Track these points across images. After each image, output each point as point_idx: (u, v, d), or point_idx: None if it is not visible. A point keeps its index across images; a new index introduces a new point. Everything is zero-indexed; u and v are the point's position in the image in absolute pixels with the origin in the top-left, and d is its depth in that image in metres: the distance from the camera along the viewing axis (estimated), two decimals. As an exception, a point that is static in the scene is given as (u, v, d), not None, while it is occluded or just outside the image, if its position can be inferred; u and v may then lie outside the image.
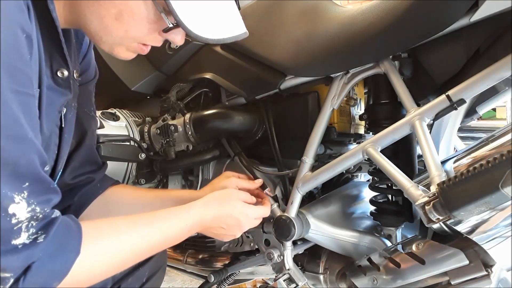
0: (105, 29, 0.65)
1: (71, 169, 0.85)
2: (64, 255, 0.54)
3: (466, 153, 0.75)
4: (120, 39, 0.67)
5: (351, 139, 1.17)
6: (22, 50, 0.51)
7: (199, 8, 0.65)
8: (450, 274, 0.73)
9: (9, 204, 0.48)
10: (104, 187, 0.92)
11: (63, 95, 0.69)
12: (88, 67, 0.88)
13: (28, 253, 0.50)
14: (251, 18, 1.06)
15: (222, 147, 1.16)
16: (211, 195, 0.81)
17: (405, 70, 0.85)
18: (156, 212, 0.71)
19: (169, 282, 2.46)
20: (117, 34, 0.66)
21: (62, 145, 0.73)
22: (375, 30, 0.78)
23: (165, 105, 1.21)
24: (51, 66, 0.65)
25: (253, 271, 1.21)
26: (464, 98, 0.73)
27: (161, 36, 0.70)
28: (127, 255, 0.64)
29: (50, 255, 0.52)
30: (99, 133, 1.10)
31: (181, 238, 0.74)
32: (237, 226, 0.82)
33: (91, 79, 0.90)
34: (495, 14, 0.67)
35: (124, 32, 0.65)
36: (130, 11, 0.63)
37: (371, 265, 0.85)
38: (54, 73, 0.66)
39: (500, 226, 0.66)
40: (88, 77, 0.88)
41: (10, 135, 0.49)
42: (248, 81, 1.06)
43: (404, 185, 0.75)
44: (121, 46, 0.69)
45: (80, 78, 0.84)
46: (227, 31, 0.68)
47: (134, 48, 0.71)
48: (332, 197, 1.11)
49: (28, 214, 0.50)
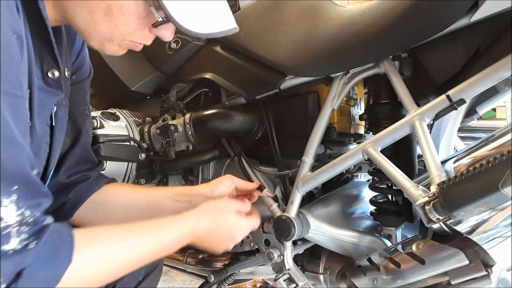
0: (94, 24, 0.64)
1: (66, 168, 0.85)
2: (56, 262, 0.53)
3: (466, 153, 0.75)
4: (110, 35, 0.66)
5: (351, 139, 1.17)
6: (13, 51, 0.51)
7: (189, 3, 0.64)
8: (450, 274, 0.73)
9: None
10: (99, 185, 0.90)
11: (55, 95, 0.69)
12: (82, 66, 0.87)
13: (19, 259, 0.49)
14: (251, 18, 1.06)
15: (222, 147, 1.16)
16: (205, 206, 0.79)
17: (405, 70, 0.85)
18: (149, 221, 0.70)
19: (169, 282, 2.46)
20: (107, 30, 0.65)
21: (53, 144, 0.72)
22: (375, 30, 0.78)
23: (165, 105, 1.21)
24: (41, 66, 0.65)
25: (253, 271, 1.21)
26: (464, 98, 0.73)
27: (151, 33, 0.69)
28: (120, 264, 0.63)
29: (41, 262, 0.51)
30: (99, 133, 1.10)
31: (174, 248, 0.72)
32: (231, 238, 0.80)
33: (86, 78, 0.89)
34: (495, 14, 0.67)
35: (114, 27, 0.65)
36: (119, 5, 0.63)
37: (371, 265, 0.85)
38: (45, 74, 0.65)
39: (500, 226, 0.66)
40: (83, 75, 0.88)
41: None
42: (248, 81, 1.06)
43: (404, 185, 0.75)
44: (111, 43, 0.68)
45: (74, 77, 0.84)
46: (217, 26, 0.68)
47: (126, 45, 0.70)
48: (332, 197, 1.11)
49: (18, 217, 0.49)
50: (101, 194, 0.90)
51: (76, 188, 0.87)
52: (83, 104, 0.88)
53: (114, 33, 0.66)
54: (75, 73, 0.85)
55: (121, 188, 0.94)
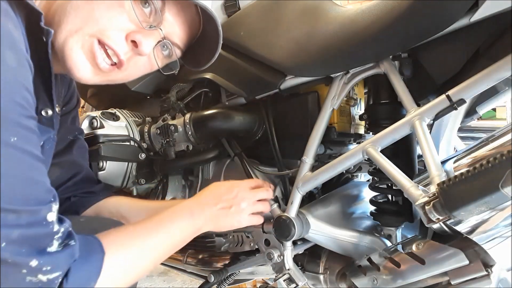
0: (76, 9, 0.62)
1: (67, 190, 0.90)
2: (93, 256, 0.57)
3: (466, 153, 0.75)
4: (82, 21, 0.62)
5: (351, 139, 1.17)
6: None
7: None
8: (450, 274, 0.72)
9: (47, 212, 0.51)
10: (103, 195, 0.95)
11: (46, 133, 0.71)
12: (73, 95, 0.90)
13: (69, 253, 0.53)
14: (251, 18, 1.06)
15: (222, 147, 1.16)
16: None
17: (405, 70, 0.85)
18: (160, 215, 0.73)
19: (169, 282, 2.47)
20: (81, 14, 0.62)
21: None
22: (375, 30, 0.78)
23: (165, 105, 1.21)
24: (36, 105, 0.65)
25: (253, 271, 1.21)
26: (464, 98, 0.73)
27: (127, 39, 0.65)
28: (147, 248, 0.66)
29: (83, 257, 0.55)
30: (99, 133, 1.10)
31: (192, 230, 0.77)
32: (235, 198, 0.83)
33: (74, 107, 0.92)
34: (495, 14, 0.67)
35: (90, 10, 0.61)
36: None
37: (371, 265, 0.85)
38: (39, 112, 0.67)
39: (500, 226, 0.66)
40: (72, 104, 0.91)
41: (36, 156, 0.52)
42: (248, 81, 1.06)
43: (404, 185, 0.75)
44: (77, 36, 0.62)
45: (65, 108, 0.87)
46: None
47: (90, 44, 0.63)
48: (332, 197, 1.11)
49: (57, 223, 0.53)
50: (102, 205, 0.94)
51: (78, 197, 0.92)
52: (72, 131, 0.92)
53: (89, 18, 0.62)
54: (66, 104, 0.89)
55: (123, 199, 0.98)
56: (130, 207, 0.95)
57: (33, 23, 0.59)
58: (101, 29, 0.63)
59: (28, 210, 0.48)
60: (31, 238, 0.49)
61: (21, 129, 0.49)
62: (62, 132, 0.86)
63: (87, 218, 0.91)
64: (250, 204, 0.86)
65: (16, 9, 0.55)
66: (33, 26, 0.59)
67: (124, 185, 1.20)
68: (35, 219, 0.49)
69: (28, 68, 0.53)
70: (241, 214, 0.84)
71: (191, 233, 0.76)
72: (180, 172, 1.32)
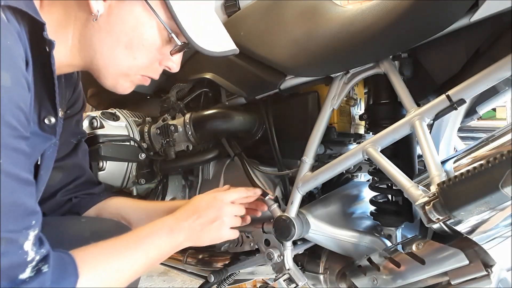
0: (114, 59, 0.69)
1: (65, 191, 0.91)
2: (67, 280, 0.55)
3: (466, 153, 0.75)
4: (128, 68, 0.71)
5: (351, 139, 1.17)
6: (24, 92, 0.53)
7: (200, 27, 0.71)
8: (450, 274, 0.72)
9: (24, 241, 0.50)
10: (104, 196, 0.96)
11: (48, 140, 0.71)
12: (77, 99, 0.91)
13: (40, 282, 0.51)
14: (251, 18, 1.06)
15: (222, 147, 1.16)
16: None
17: (405, 70, 0.85)
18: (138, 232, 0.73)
19: (169, 282, 2.47)
20: (125, 63, 0.70)
21: (37, 182, 0.73)
22: (375, 30, 0.78)
23: (165, 105, 1.21)
24: (39, 113, 0.66)
25: (253, 271, 1.21)
26: (464, 98, 0.73)
27: (161, 65, 0.76)
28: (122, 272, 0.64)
29: (55, 282, 0.53)
30: (99, 133, 1.10)
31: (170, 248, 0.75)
32: (216, 212, 0.81)
33: (79, 110, 0.93)
34: (495, 14, 0.67)
35: (132, 59, 0.70)
36: (140, 37, 0.68)
37: (371, 265, 0.85)
38: (41, 120, 0.67)
39: (500, 226, 0.66)
40: (76, 108, 0.91)
41: (21, 178, 0.51)
42: (248, 81, 1.06)
43: (404, 185, 0.75)
44: (126, 78, 0.73)
45: (69, 111, 0.88)
46: (224, 45, 0.76)
47: (138, 80, 0.75)
48: (332, 197, 1.11)
49: (33, 249, 0.52)
50: (102, 206, 0.95)
51: (79, 198, 0.93)
52: (76, 135, 0.93)
53: (132, 65, 0.71)
54: (71, 107, 0.89)
55: (124, 200, 0.98)
56: (129, 208, 0.95)
57: (37, 33, 0.60)
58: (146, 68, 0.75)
59: (5, 238, 0.48)
60: (4, 267, 0.48)
61: (8, 151, 0.48)
62: (66, 135, 0.85)
63: (88, 218, 0.91)
64: (231, 218, 0.84)
65: (20, 19, 0.56)
66: (37, 36, 0.60)
67: (124, 185, 1.20)
68: (11, 248, 0.49)
69: (25, 86, 0.52)
70: (222, 228, 0.82)
71: (170, 250, 0.74)
72: (180, 172, 1.32)
